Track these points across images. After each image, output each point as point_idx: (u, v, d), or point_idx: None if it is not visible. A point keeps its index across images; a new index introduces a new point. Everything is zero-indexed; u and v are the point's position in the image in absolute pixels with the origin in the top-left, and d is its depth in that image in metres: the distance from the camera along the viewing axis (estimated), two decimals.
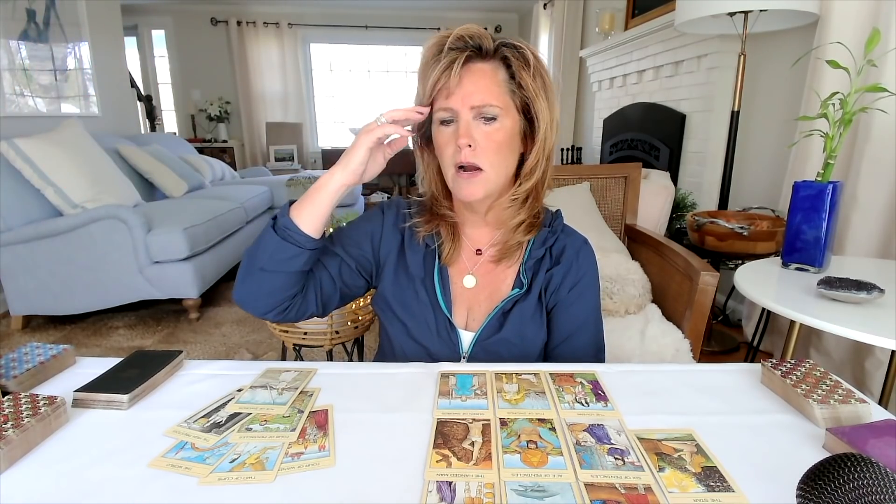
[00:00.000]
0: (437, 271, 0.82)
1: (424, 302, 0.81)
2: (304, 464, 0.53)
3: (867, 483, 0.38)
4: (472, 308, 0.83)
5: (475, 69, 0.71)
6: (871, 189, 1.63)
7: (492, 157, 0.72)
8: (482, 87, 0.70)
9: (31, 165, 2.32)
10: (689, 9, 1.90)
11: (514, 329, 0.79)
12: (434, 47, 0.72)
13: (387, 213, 0.86)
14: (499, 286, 0.83)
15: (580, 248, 0.83)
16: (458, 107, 0.71)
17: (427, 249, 0.83)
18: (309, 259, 0.75)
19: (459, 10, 5.89)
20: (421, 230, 0.82)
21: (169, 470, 0.52)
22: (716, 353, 2.15)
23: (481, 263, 0.84)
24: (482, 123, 0.71)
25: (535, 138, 0.75)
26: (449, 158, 0.73)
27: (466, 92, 0.70)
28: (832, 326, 0.97)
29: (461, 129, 0.71)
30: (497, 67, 0.72)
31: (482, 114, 0.71)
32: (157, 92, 5.80)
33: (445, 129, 0.73)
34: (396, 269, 0.84)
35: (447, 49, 0.70)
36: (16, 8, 2.76)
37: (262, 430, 0.59)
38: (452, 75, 0.69)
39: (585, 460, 0.53)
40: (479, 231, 0.84)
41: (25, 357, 0.72)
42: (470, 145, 0.71)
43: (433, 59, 0.71)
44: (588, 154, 4.25)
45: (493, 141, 0.72)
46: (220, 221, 2.82)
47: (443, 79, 0.70)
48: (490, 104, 0.70)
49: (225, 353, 2.22)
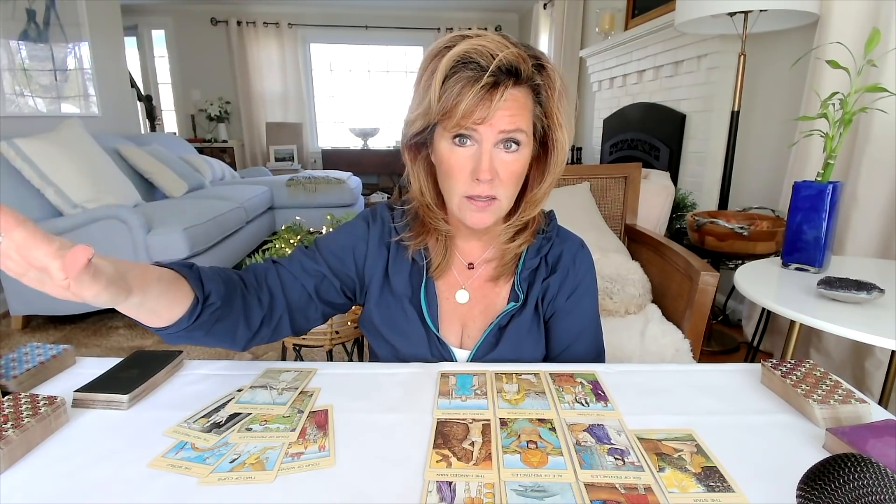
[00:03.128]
0: (424, 287, 0.77)
1: (414, 321, 0.77)
2: (304, 464, 0.53)
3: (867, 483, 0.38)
4: (466, 325, 0.79)
5: (509, 95, 0.63)
6: (871, 189, 1.63)
7: (508, 188, 0.68)
8: (516, 115, 0.64)
9: (31, 165, 2.32)
10: (689, 9, 1.90)
11: (510, 345, 0.76)
12: (457, 58, 0.62)
13: (372, 228, 0.80)
14: (493, 300, 0.79)
15: (576, 252, 0.80)
16: (485, 133, 0.64)
17: (414, 265, 0.78)
18: (192, 327, 0.61)
19: (459, 10, 5.89)
20: (410, 244, 0.77)
21: (169, 470, 0.52)
22: (716, 353, 2.15)
23: (474, 278, 0.80)
24: (502, 151, 0.66)
25: (548, 165, 0.71)
26: (460, 185, 0.67)
27: (499, 117, 0.63)
28: (832, 326, 0.97)
29: (484, 163, 0.64)
30: (528, 93, 0.66)
31: (508, 138, 0.65)
32: (157, 92, 5.80)
33: (461, 150, 0.66)
34: (382, 288, 0.79)
35: (489, 74, 0.61)
36: (16, 8, 2.76)
37: (262, 430, 0.59)
38: (493, 103, 0.62)
39: (585, 460, 0.53)
40: (470, 244, 0.80)
41: (25, 357, 0.72)
42: (491, 179, 0.65)
43: (455, 74, 0.62)
44: (588, 154, 4.25)
45: (512, 172, 0.67)
46: (220, 221, 2.82)
47: (479, 107, 0.62)
48: (520, 129, 0.65)
49: (225, 353, 2.21)
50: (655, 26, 2.74)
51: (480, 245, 0.80)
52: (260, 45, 5.66)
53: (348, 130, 5.77)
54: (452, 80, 0.62)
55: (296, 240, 1.55)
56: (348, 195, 4.10)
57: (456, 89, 0.62)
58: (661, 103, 2.97)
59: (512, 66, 0.62)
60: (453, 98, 0.62)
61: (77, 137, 2.61)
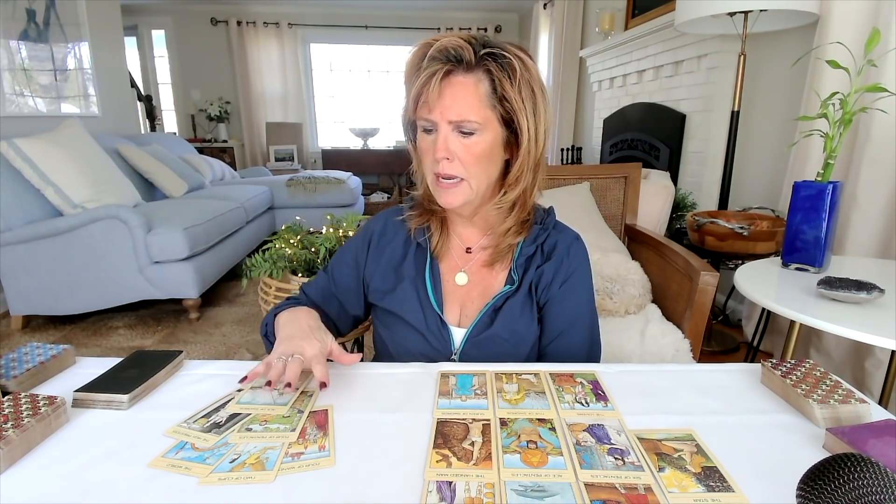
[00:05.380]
0: (429, 269, 0.83)
1: (415, 300, 0.82)
2: (304, 464, 0.53)
3: (867, 483, 0.38)
4: (464, 305, 0.84)
5: (455, 82, 0.70)
6: (871, 189, 1.63)
7: (471, 169, 0.73)
8: (461, 102, 0.69)
9: (31, 165, 2.32)
10: (689, 9, 1.90)
11: (505, 325, 0.80)
12: (417, 55, 0.71)
13: (374, 229, 0.89)
14: (491, 283, 0.83)
15: (571, 243, 0.84)
16: (437, 119, 0.70)
17: (418, 247, 0.85)
18: None
19: (459, 10, 5.88)
20: (413, 223, 0.84)
21: (169, 470, 0.52)
22: (716, 353, 2.15)
23: (473, 262, 0.85)
24: (460, 136, 0.71)
25: (520, 149, 0.75)
26: (429, 166, 0.75)
27: (445, 106, 0.70)
28: (832, 326, 0.97)
29: (439, 143, 0.71)
30: (479, 80, 0.70)
31: (460, 128, 0.71)
32: (157, 92, 5.80)
33: (427, 136, 0.73)
34: (386, 270, 0.85)
35: (428, 60, 0.69)
36: (16, 8, 2.76)
37: (262, 430, 0.59)
38: (431, 89, 0.68)
39: (585, 460, 0.53)
40: (467, 231, 0.85)
41: (25, 357, 0.72)
42: (448, 158, 0.71)
43: (415, 67, 0.71)
44: (588, 154, 4.25)
45: (472, 154, 0.72)
46: (220, 221, 2.82)
47: (424, 91, 0.69)
48: (467, 120, 0.70)
49: (225, 353, 2.22)
50: (655, 26, 2.73)
51: (477, 231, 0.85)
52: (260, 45, 5.65)
53: (348, 130, 5.77)
54: (413, 74, 0.72)
55: (296, 240, 1.55)
56: (348, 195, 4.10)
57: (413, 80, 0.71)
58: (661, 103, 2.97)
59: (454, 53, 0.69)
60: (411, 88, 0.71)
61: (77, 137, 2.61)
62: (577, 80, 4.46)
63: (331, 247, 1.50)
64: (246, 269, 1.53)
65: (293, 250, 1.52)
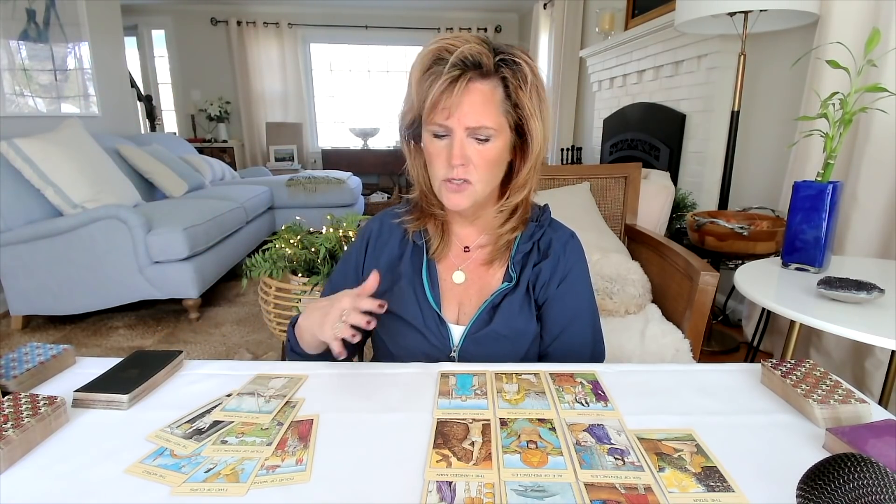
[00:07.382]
0: (426, 267, 0.83)
1: (412, 298, 0.82)
2: (277, 478, 0.51)
3: (867, 483, 0.38)
4: (462, 303, 0.84)
5: (473, 89, 0.70)
6: (871, 189, 1.63)
7: (482, 173, 0.73)
8: (479, 109, 0.70)
9: (31, 165, 2.32)
10: (689, 9, 1.90)
11: (503, 322, 0.80)
12: (431, 56, 0.70)
13: (371, 229, 0.89)
14: (489, 281, 0.84)
15: (567, 241, 0.85)
16: (454, 126, 0.70)
17: (415, 246, 0.85)
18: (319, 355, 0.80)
19: (459, 10, 5.88)
20: (410, 226, 0.84)
21: (144, 477, 0.51)
22: (716, 353, 2.15)
23: (470, 261, 0.85)
24: (475, 142, 0.72)
25: (527, 153, 0.76)
26: (439, 170, 0.74)
27: (463, 112, 0.69)
28: (832, 326, 0.97)
29: (455, 150, 0.71)
30: (495, 87, 0.71)
31: (475, 134, 0.71)
32: (157, 92, 5.80)
33: (438, 141, 0.73)
34: (384, 271, 0.84)
35: (449, 66, 0.68)
36: (16, 8, 2.76)
37: (237, 443, 0.57)
38: (454, 95, 0.68)
39: (585, 460, 0.53)
40: (466, 230, 0.86)
41: (25, 357, 0.72)
42: (463, 164, 0.72)
43: (429, 70, 0.70)
44: (588, 154, 4.25)
45: (485, 159, 0.73)
46: (220, 221, 2.82)
47: (443, 98, 0.69)
48: (484, 126, 0.70)
49: (225, 354, 2.22)
50: (655, 26, 2.73)
51: (475, 230, 0.85)
52: (260, 45, 5.66)
53: (348, 130, 5.77)
54: (426, 76, 0.70)
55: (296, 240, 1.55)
56: (348, 195, 4.10)
57: (427, 83, 0.70)
58: (661, 103, 2.97)
59: (473, 60, 0.69)
60: (425, 91, 0.70)
61: (77, 137, 2.61)
62: (577, 80, 4.46)
63: (331, 247, 1.50)
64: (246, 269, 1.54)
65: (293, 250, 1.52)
